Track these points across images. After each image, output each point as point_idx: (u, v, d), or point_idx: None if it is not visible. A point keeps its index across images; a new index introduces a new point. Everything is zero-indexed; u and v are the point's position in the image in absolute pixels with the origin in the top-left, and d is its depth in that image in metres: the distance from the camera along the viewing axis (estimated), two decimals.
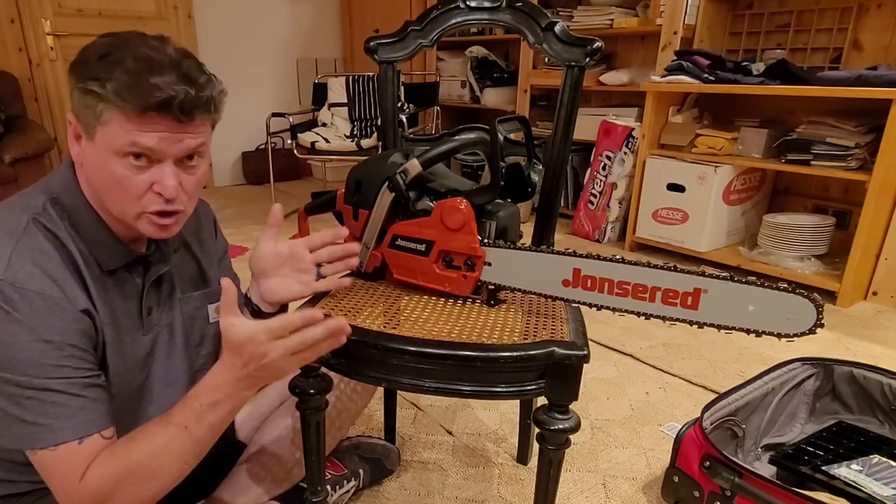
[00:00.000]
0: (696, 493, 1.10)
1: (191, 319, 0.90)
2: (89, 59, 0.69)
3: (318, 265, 0.89)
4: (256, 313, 0.91)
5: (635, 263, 0.74)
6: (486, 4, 1.02)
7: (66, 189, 0.76)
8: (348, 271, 0.91)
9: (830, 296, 2.20)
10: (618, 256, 0.75)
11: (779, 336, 0.67)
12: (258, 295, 0.90)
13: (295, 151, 3.33)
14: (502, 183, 0.87)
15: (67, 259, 0.72)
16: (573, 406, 0.78)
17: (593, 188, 3.00)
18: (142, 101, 0.67)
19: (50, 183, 0.77)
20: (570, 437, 0.79)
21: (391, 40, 1.07)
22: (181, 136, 0.71)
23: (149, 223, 0.75)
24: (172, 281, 0.87)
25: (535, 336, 0.79)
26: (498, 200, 0.90)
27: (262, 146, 4.27)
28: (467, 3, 1.03)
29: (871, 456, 1.17)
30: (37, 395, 0.68)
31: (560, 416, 0.77)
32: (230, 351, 0.72)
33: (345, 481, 1.14)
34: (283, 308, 0.92)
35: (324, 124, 3.54)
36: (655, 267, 0.72)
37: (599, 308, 0.77)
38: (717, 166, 2.44)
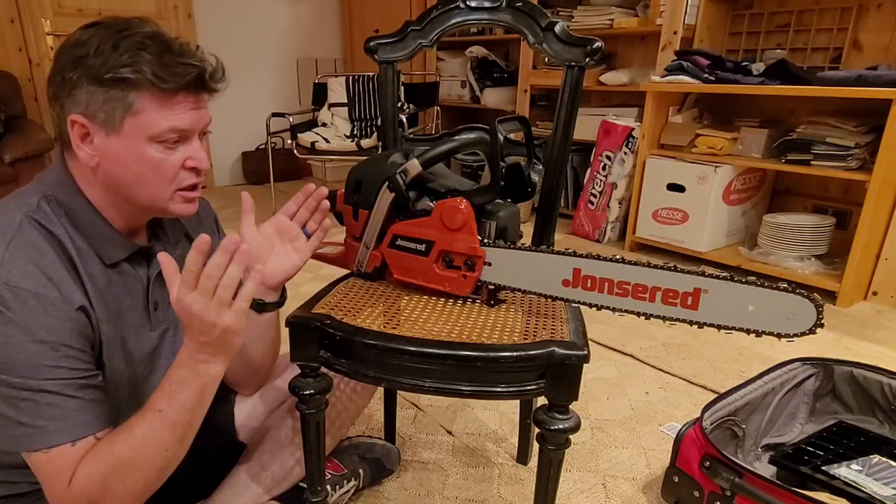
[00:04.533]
0: (696, 493, 1.10)
1: None
2: (102, 51, 0.68)
3: (303, 228, 0.91)
4: (262, 307, 0.90)
5: (635, 263, 0.74)
6: (486, 4, 1.02)
7: (61, 185, 0.75)
8: (326, 217, 0.93)
9: (830, 296, 2.20)
10: (618, 256, 0.75)
11: (779, 336, 0.67)
12: (259, 286, 0.89)
13: (295, 151, 3.32)
14: (502, 183, 0.87)
15: (63, 255, 0.72)
16: (573, 406, 0.78)
17: (593, 188, 3.00)
18: (180, 79, 0.70)
19: (44, 180, 0.76)
20: (570, 437, 0.79)
21: (391, 40, 1.07)
22: (203, 112, 0.75)
23: (181, 201, 0.78)
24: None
25: (535, 336, 0.79)
26: (498, 200, 0.90)
27: (262, 146, 4.27)
28: (467, 3, 1.02)
29: (871, 456, 1.17)
30: (32, 397, 0.67)
31: (560, 416, 0.77)
32: (182, 325, 0.72)
33: (345, 481, 1.14)
34: (283, 292, 0.92)
35: (324, 124, 3.54)
36: (655, 267, 0.72)
37: (599, 308, 0.77)
38: (717, 166, 2.44)
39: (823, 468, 1.14)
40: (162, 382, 0.74)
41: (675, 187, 2.59)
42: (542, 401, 0.79)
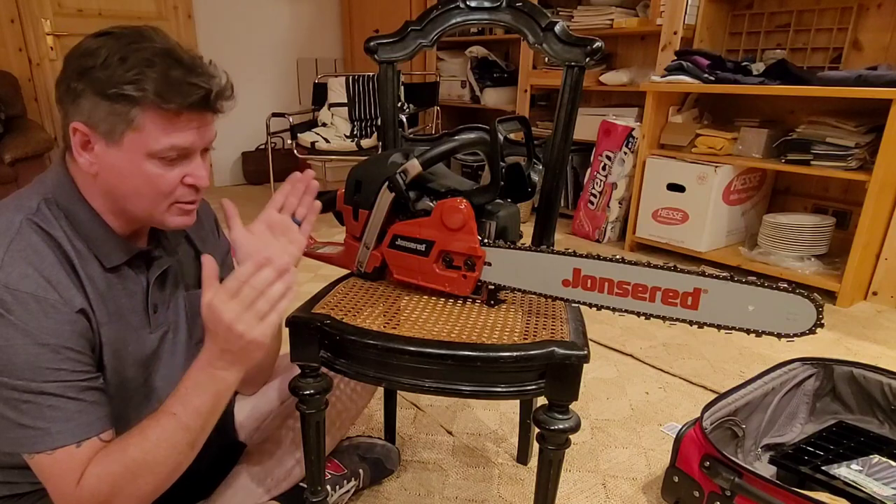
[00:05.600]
0: (696, 493, 1.10)
1: (193, 316, 0.89)
2: (109, 64, 0.67)
3: (293, 217, 0.91)
4: None
5: (635, 263, 0.74)
6: (486, 4, 1.02)
7: (61, 188, 0.75)
8: (316, 199, 0.92)
9: (830, 296, 2.20)
10: (618, 256, 0.75)
11: (779, 336, 0.67)
12: None
13: (295, 151, 3.33)
14: (502, 183, 0.87)
15: (63, 258, 0.72)
16: (573, 406, 0.78)
17: (593, 188, 3.00)
18: (183, 99, 0.68)
19: (44, 182, 0.76)
20: (570, 437, 0.79)
21: (391, 40, 1.07)
22: (207, 129, 0.74)
23: (178, 213, 0.77)
24: (177, 277, 0.87)
25: (535, 336, 0.79)
26: (498, 200, 0.90)
27: (262, 146, 4.27)
28: (467, 3, 1.02)
29: (871, 456, 1.17)
30: (33, 399, 0.67)
31: (560, 416, 0.77)
32: (206, 329, 0.73)
33: (345, 481, 1.14)
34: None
35: (324, 124, 3.54)
36: (655, 267, 0.72)
37: (599, 308, 0.77)
38: (717, 166, 2.44)
39: (823, 468, 1.14)
40: (178, 386, 0.74)
41: (675, 187, 2.59)
42: (542, 401, 0.79)
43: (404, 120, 3.08)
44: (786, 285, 0.66)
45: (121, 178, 0.73)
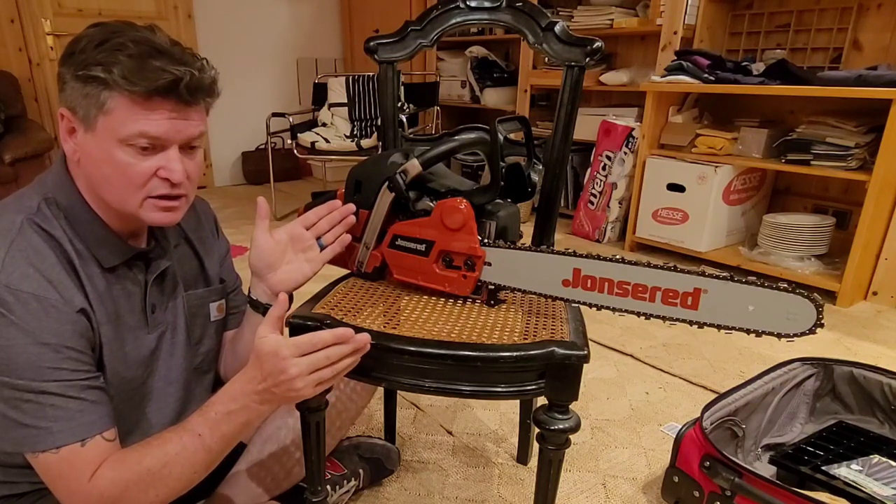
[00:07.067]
0: (696, 493, 1.10)
1: (192, 317, 0.90)
2: (86, 48, 0.69)
3: (318, 238, 0.91)
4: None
5: (635, 263, 0.74)
6: (486, 4, 1.02)
7: (61, 187, 0.75)
8: (347, 231, 0.93)
9: (830, 296, 2.20)
10: (618, 256, 0.75)
11: (779, 336, 0.67)
12: (265, 292, 0.91)
13: (295, 151, 3.32)
14: (502, 183, 0.87)
15: (63, 258, 0.72)
16: (573, 406, 0.78)
17: (593, 188, 3.00)
18: (149, 83, 0.68)
19: (44, 182, 0.76)
20: (570, 437, 0.79)
21: (391, 40, 1.07)
22: (185, 123, 0.72)
23: (153, 209, 0.75)
24: (175, 277, 0.87)
25: (535, 336, 0.79)
26: (498, 200, 0.90)
27: (262, 146, 4.27)
28: (467, 3, 1.02)
29: (871, 456, 1.17)
30: (35, 399, 0.68)
31: (560, 416, 0.77)
32: (253, 362, 0.73)
33: (345, 481, 1.14)
34: (290, 298, 0.92)
35: (324, 124, 3.54)
36: (655, 267, 0.72)
37: (599, 308, 0.77)
38: (717, 166, 2.44)
39: (823, 468, 1.14)
40: (206, 408, 0.75)
41: (675, 187, 2.59)
42: (542, 401, 0.79)
43: (404, 120, 3.07)
44: (786, 285, 0.66)
45: (95, 165, 0.72)
